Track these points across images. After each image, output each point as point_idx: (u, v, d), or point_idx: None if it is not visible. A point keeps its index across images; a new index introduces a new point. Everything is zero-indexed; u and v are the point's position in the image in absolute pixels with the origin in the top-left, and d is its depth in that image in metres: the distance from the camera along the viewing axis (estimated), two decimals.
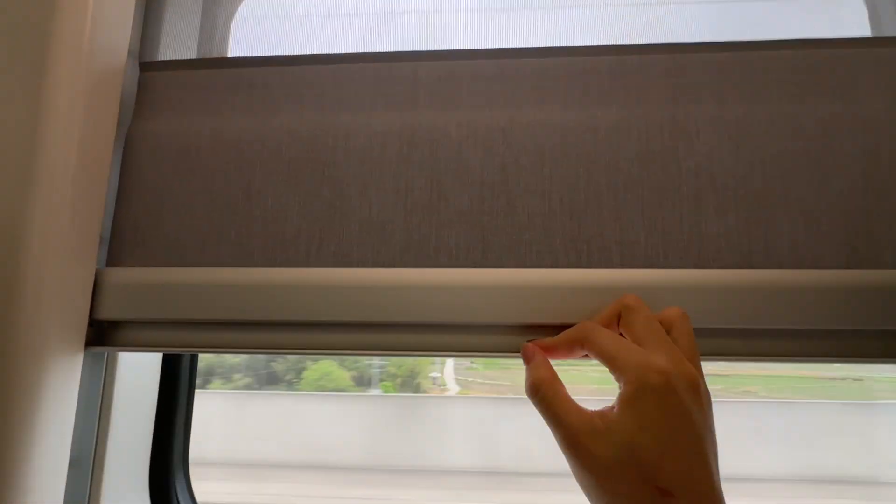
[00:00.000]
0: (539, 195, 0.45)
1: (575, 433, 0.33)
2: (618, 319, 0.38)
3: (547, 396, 0.35)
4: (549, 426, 0.35)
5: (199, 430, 0.58)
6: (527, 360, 0.39)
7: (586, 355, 0.38)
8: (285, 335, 0.44)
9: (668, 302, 0.41)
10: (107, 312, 0.45)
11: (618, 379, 0.34)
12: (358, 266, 0.45)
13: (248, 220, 0.46)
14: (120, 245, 0.47)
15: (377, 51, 0.49)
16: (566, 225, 0.44)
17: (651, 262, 0.43)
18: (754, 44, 0.47)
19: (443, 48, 0.49)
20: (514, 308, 0.42)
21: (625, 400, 0.33)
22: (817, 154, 0.44)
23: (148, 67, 0.51)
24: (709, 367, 0.37)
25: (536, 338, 0.42)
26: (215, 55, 0.51)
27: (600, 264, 0.44)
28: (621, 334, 0.38)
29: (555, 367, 0.38)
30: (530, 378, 0.37)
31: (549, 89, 0.47)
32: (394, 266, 0.45)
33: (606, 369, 0.35)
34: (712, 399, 0.35)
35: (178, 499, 0.55)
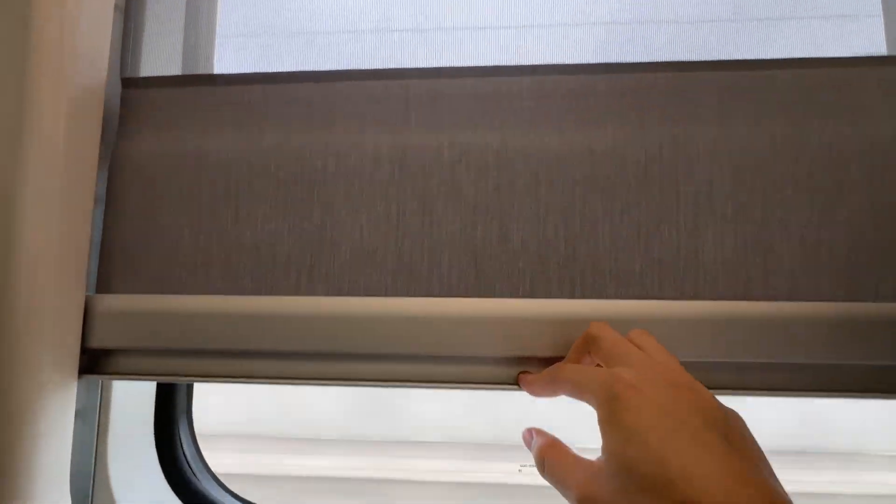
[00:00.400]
0: (533, 220, 0.44)
1: (579, 489, 0.30)
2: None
3: (550, 465, 0.33)
4: (562, 494, 0.32)
5: None
6: (527, 445, 0.37)
7: None
8: (280, 364, 0.44)
9: (663, 334, 0.40)
10: (98, 341, 0.45)
11: (595, 408, 0.32)
12: (349, 293, 0.44)
13: (238, 245, 0.46)
14: (109, 270, 0.47)
15: (367, 68, 0.48)
16: (560, 252, 0.44)
17: (646, 292, 0.43)
18: (758, 62, 0.45)
19: (435, 65, 0.47)
20: (508, 341, 0.42)
21: (601, 424, 0.30)
22: (821, 180, 0.43)
23: (131, 84, 0.50)
24: None
25: (529, 369, 0.42)
26: (201, 71, 0.49)
27: (594, 294, 0.43)
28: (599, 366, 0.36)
29: None
30: (534, 457, 0.35)
31: (544, 109, 0.46)
32: (385, 293, 0.44)
33: None
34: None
35: (183, 450, 0.56)
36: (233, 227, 0.46)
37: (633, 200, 0.44)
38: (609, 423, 0.30)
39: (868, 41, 0.45)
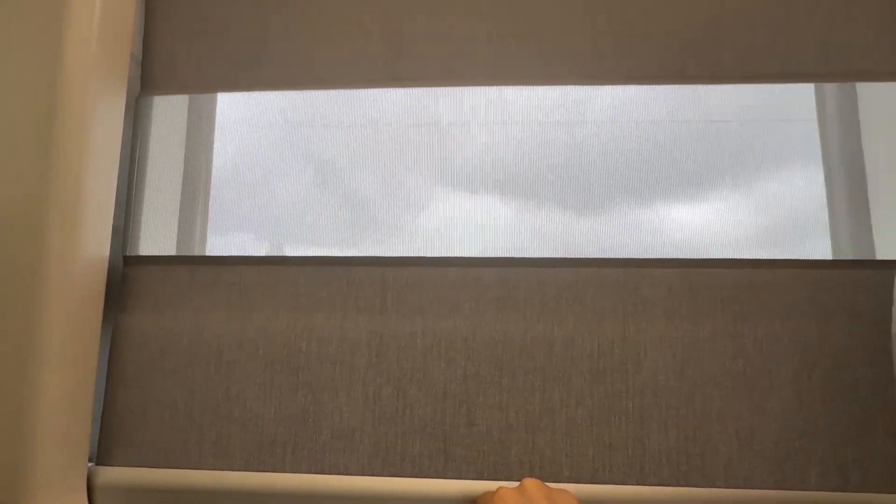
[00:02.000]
0: (497, 407, 0.49)
1: None
2: None
3: None
4: None
5: None
6: None
7: None
8: None
9: None
10: None
11: None
12: (330, 472, 0.49)
13: (228, 422, 0.50)
14: (109, 442, 0.51)
15: (349, 255, 0.52)
16: (521, 437, 0.48)
17: (597, 476, 0.47)
18: (703, 261, 0.50)
19: (411, 254, 0.52)
20: None
21: None
22: (755, 374, 0.48)
23: (131, 262, 0.54)
24: None
25: None
26: (195, 252, 0.54)
27: (551, 476, 0.48)
28: None
29: None
30: None
31: (509, 299, 0.50)
32: (362, 473, 0.49)
33: None
34: None
35: None
36: (224, 405, 0.50)
37: (588, 390, 0.49)
38: None
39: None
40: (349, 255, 0.52)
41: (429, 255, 0.52)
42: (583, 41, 0.54)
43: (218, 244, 0.53)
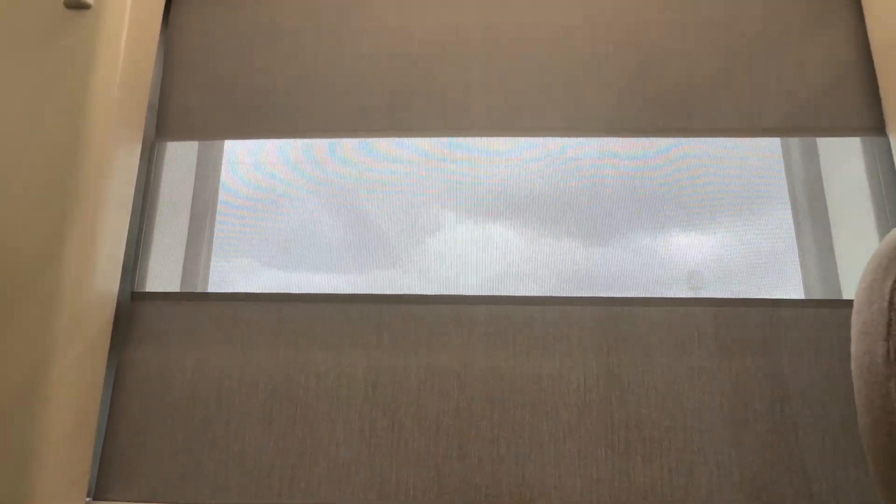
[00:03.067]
0: (488, 440, 0.51)
1: None
2: None
3: None
4: None
5: None
6: None
7: None
8: None
9: None
10: None
11: None
12: None
13: (226, 456, 0.51)
14: (107, 477, 0.52)
15: (348, 293, 0.55)
16: (512, 470, 0.50)
17: None
18: (680, 300, 0.53)
19: (406, 293, 0.55)
20: None
21: None
22: (731, 408, 0.50)
23: (139, 298, 0.56)
24: None
25: None
26: (199, 287, 0.56)
27: None
28: None
29: None
30: None
31: (499, 335, 0.53)
32: None
33: None
34: None
35: None
36: (223, 438, 0.52)
37: (575, 424, 0.51)
38: None
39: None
40: (347, 291, 0.55)
41: (423, 293, 0.55)
42: (566, 97, 0.58)
43: (221, 269, 0.56)
